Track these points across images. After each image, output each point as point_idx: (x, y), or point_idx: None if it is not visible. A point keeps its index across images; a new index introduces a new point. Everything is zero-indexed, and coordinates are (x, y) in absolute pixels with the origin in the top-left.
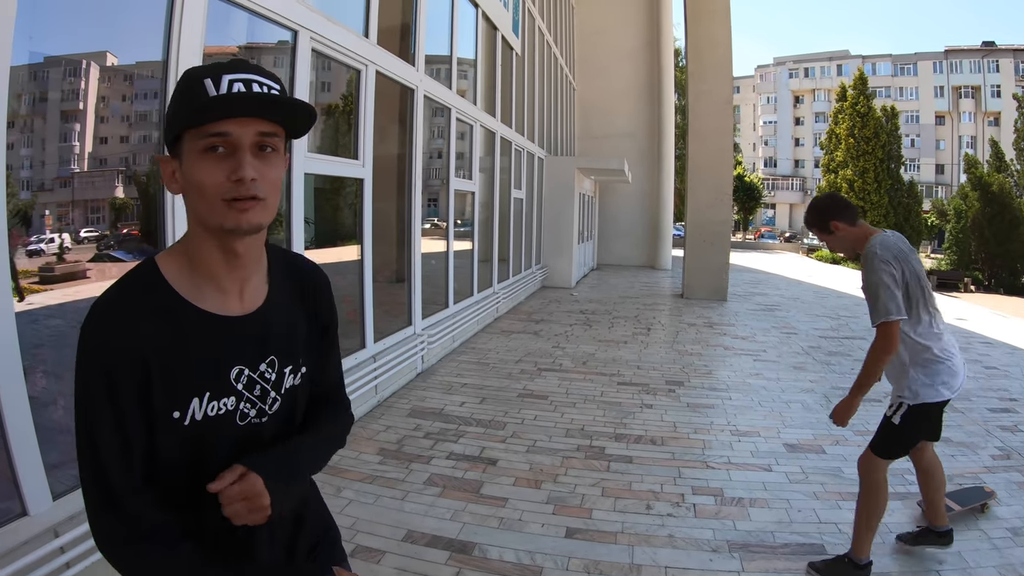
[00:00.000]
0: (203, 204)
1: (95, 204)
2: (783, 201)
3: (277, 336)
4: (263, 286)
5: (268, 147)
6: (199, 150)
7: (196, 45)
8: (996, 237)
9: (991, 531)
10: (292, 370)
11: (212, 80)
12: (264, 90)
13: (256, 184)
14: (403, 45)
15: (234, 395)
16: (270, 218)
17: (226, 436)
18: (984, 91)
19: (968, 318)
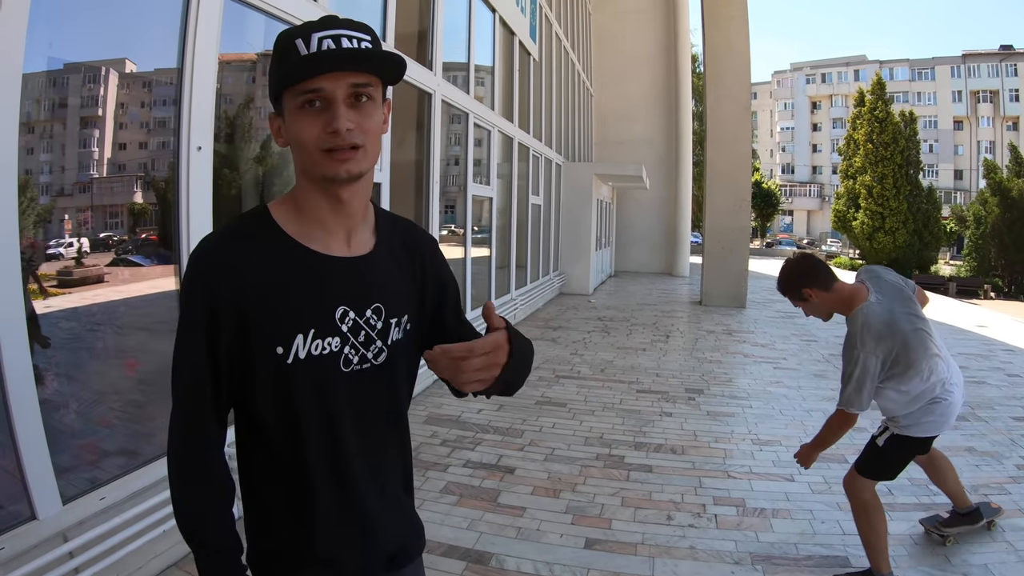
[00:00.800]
0: (305, 156)
1: (113, 209)
2: (801, 208)
3: (384, 284)
4: (371, 237)
5: (364, 96)
6: (297, 106)
7: (211, 51)
8: (1016, 243)
9: (1018, 543)
10: (398, 323)
11: (303, 39)
12: (354, 44)
13: (352, 133)
14: (420, 50)
15: (339, 336)
16: (370, 165)
17: (332, 381)
18: (1002, 95)
19: (989, 325)
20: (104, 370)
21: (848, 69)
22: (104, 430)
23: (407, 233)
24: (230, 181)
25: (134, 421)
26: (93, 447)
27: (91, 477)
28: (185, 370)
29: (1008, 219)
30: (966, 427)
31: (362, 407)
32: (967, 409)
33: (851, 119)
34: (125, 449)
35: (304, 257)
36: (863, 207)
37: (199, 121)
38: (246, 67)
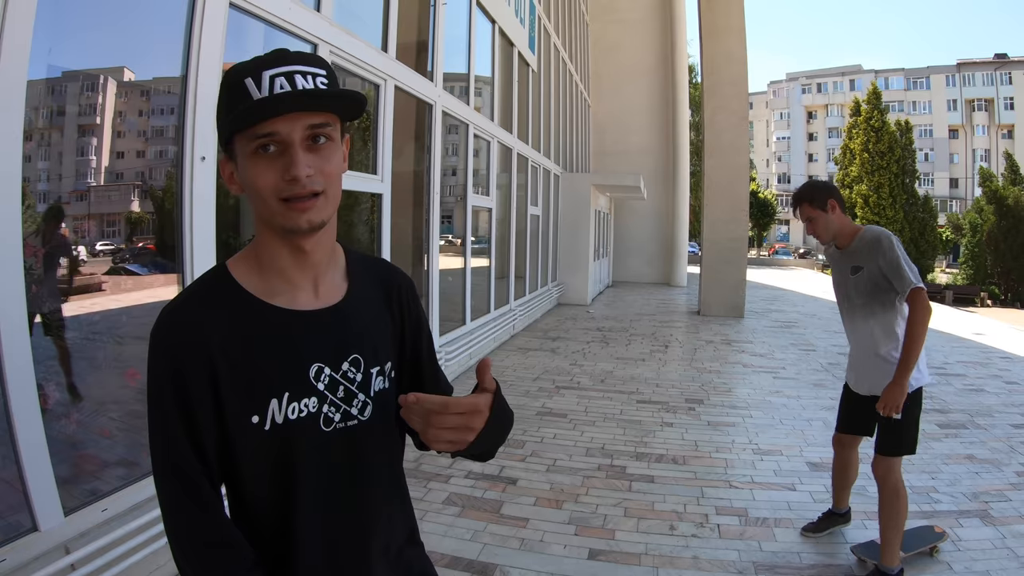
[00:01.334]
0: (262, 205)
1: (111, 218)
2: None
3: (360, 334)
4: (342, 283)
5: (322, 137)
6: (250, 151)
7: (215, 60)
8: (1012, 251)
9: (1019, 549)
10: (380, 371)
11: (253, 79)
12: (308, 81)
13: (312, 179)
14: (420, 60)
15: (316, 395)
16: (332, 211)
17: (313, 443)
18: (997, 104)
19: (986, 332)
20: (104, 380)
21: (844, 79)
22: (105, 440)
23: (383, 274)
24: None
25: (135, 431)
26: (94, 458)
27: (92, 488)
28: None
29: (1004, 227)
30: (965, 435)
31: (354, 466)
32: (967, 417)
33: (847, 128)
34: (126, 460)
35: (269, 316)
36: (860, 216)
37: (203, 131)
38: None
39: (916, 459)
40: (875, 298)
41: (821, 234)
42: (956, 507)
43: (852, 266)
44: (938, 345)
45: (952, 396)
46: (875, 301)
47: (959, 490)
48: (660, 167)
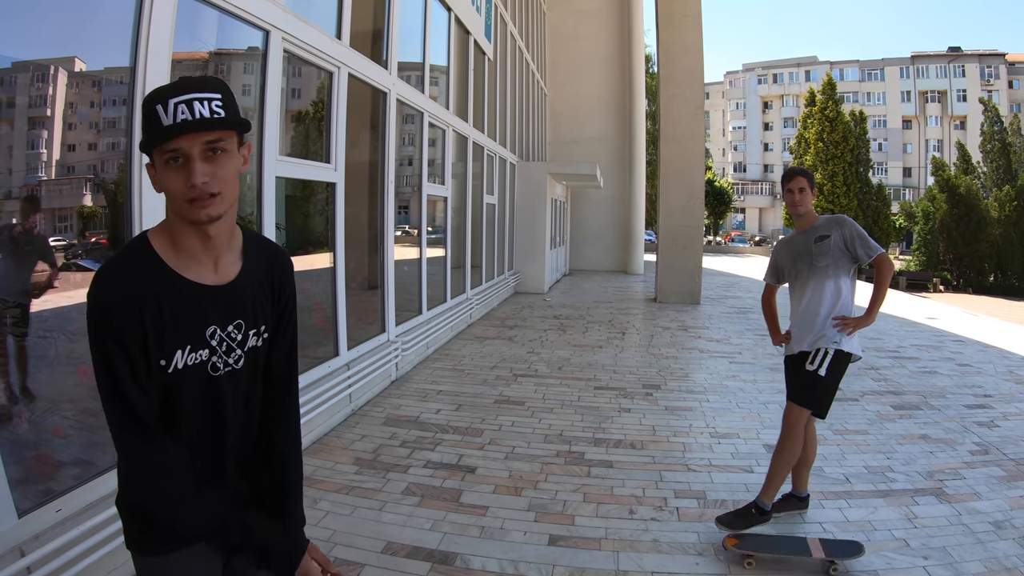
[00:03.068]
0: (173, 203)
1: (63, 212)
2: (753, 205)
3: (245, 303)
4: (237, 262)
5: (218, 150)
6: (163, 162)
7: (164, 50)
8: (964, 238)
9: (974, 525)
10: (256, 333)
11: (162, 106)
12: (204, 106)
13: (208, 184)
14: (375, 49)
15: (207, 348)
16: (228, 206)
17: (200, 382)
18: (950, 95)
19: (939, 317)
20: (57, 378)
21: (799, 70)
22: (58, 440)
23: (267, 252)
24: None
25: (88, 430)
26: (47, 458)
27: (46, 488)
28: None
29: (956, 215)
30: (919, 415)
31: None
32: (920, 398)
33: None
34: (80, 459)
35: (182, 286)
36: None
37: None
38: (198, 66)
39: (872, 439)
40: (837, 261)
41: (802, 206)
42: (912, 485)
43: (816, 237)
44: (892, 329)
45: (906, 378)
46: (837, 264)
47: (914, 469)
48: (616, 156)
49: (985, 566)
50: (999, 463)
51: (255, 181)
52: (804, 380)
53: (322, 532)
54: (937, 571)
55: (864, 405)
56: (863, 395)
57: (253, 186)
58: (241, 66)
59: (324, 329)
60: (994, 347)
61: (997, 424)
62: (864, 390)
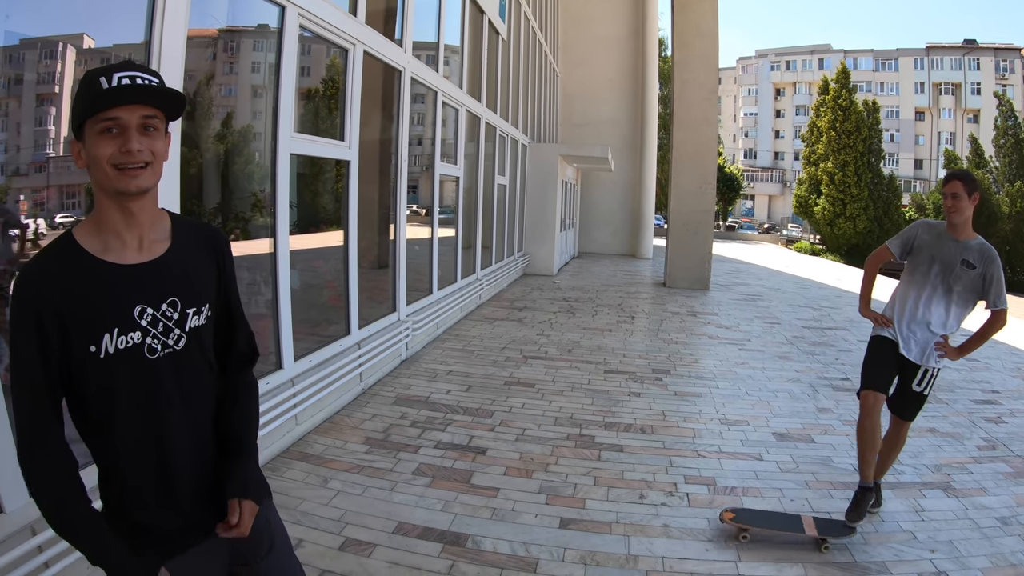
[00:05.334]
0: (100, 173)
1: (71, 189)
2: (762, 192)
3: (178, 281)
4: (165, 240)
5: (151, 127)
6: (97, 132)
7: (180, 26)
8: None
9: (980, 520)
10: (196, 312)
11: (105, 78)
12: (146, 83)
13: (142, 153)
14: (389, 27)
15: (139, 330)
16: (156, 181)
17: (139, 367)
18: (964, 88)
19: None
20: None
21: (813, 57)
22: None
23: (206, 233)
24: (190, 159)
25: None
26: None
27: None
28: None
29: None
30: (928, 409)
31: (175, 384)
32: None
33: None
34: None
35: (102, 269)
36: (825, 193)
37: None
38: (208, 43)
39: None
40: (969, 293)
41: (957, 214)
42: (919, 479)
43: (965, 259)
44: None
45: None
46: (968, 295)
47: (922, 462)
48: (628, 139)
49: (991, 561)
50: (1006, 459)
51: (269, 158)
52: (912, 399)
53: (333, 512)
54: (944, 564)
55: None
56: (844, 378)
57: (265, 164)
58: (251, 43)
59: (336, 308)
60: (1003, 343)
61: (1004, 420)
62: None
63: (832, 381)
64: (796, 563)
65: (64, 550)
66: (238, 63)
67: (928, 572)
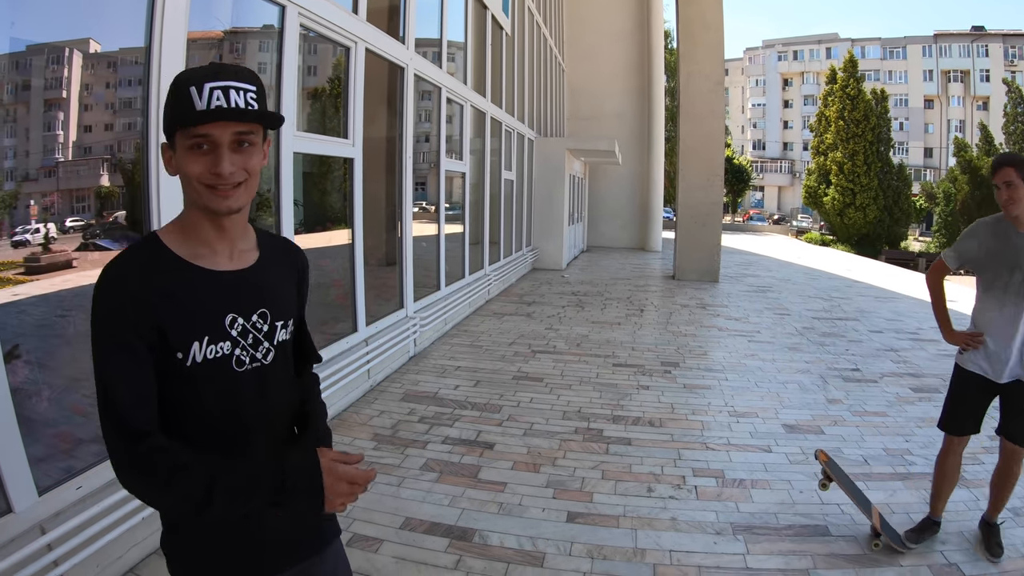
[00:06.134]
0: (190, 188)
1: (80, 193)
2: (772, 184)
3: (268, 292)
4: (253, 252)
5: (246, 143)
6: (187, 146)
7: (179, 30)
8: None
9: None
10: (283, 325)
11: (196, 88)
12: (240, 96)
13: (235, 174)
14: (392, 23)
15: (229, 340)
16: (250, 199)
17: (225, 380)
18: (973, 75)
19: (958, 300)
20: (76, 356)
21: (820, 47)
22: (78, 418)
23: (287, 248)
24: None
25: None
26: (67, 435)
27: (66, 467)
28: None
29: (978, 196)
30: (938, 399)
31: (265, 403)
32: (940, 381)
33: (823, 96)
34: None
35: (194, 274)
36: (834, 183)
37: None
38: (213, 44)
39: (891, 421)
40: None
41: (1015, 204)
42: (930, 470)
43: None
44: (911, 310)
45: (926, 361)
46: None
47: (933, 452)
48: (635, 132)
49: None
50: None
51: (273, 158)
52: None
53: None
54: (954, 556)
55: (883, 387)
56: (882, 377)
57: (271, 163)
58: (256, 44)
59: (343, 305)
60: None
61: None
62: (884, 372)
63: (842, 372)
64: (804, 555)
65: (74, 548)
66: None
67: (939, 563)
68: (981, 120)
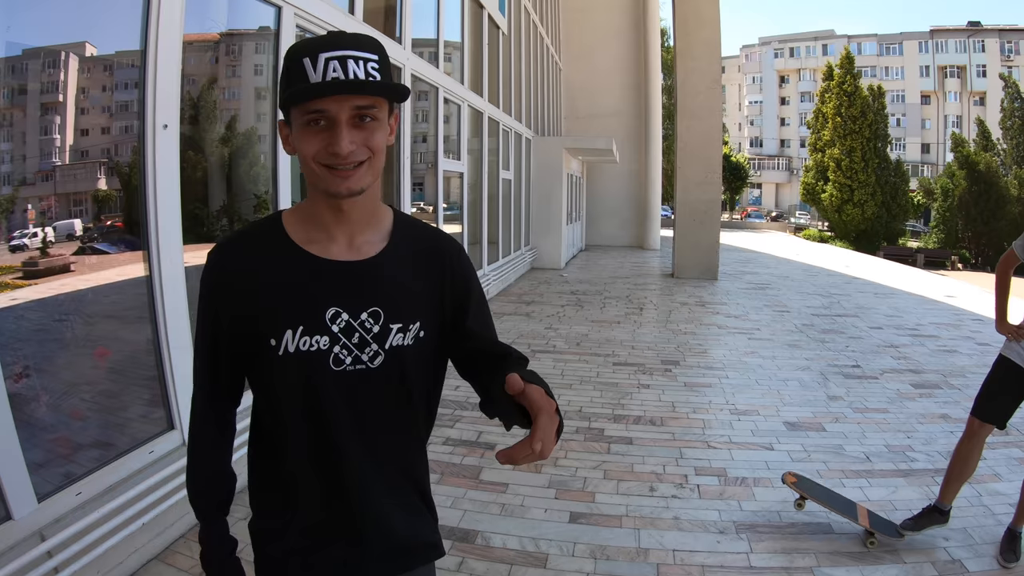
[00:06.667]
0: (308, 169)
1: (78, 197)
2: (769, 181)
3: (385, 290)
4: (380, 242)
5: (367, 117)
6: (302, 123)
7: (175, 32)
8: (983, 216)
9: (994, 507)
10: (401, 328)
11: (310, 59)
12: (359, 66)
13: (355, 152)
14: (388, 23)
15: (328, 335)
16: (373, 179)
17: (322, 377)
18: (970, 71)
19: (957, 295)
20: (74, 361)
21: (816, 43)
22: (77, 423)
23: (430, 241)
24: (195, 163)
25: (107, 412)
26: (66, 441)
27: (66, 472)
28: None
29: (975, 192)
30: (939, 395)
31: (360, 408)
32: (940, 377)
33: (820, 93)
34: (99, 441)
35: (302, 260)
36: (832, 180)
37: (164, 98)
38: (209, 47)
39: (892, 418)
40: None
41: None
42: (932, 465)
43: None
44: (911, 307)
45: (926, 357)
46: None
47: (934, 449)
48: (632, 130)
49: None
50: (1019, 444)
51: (270, 160)
52: None
53: None
54: (958, 552)
55: (884, 383)
56: (883, 373)
57: (268, 165)
58: (253, 46)
59: None
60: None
61: None
62: (884, 368)
63: (843, 368)
64: (807, 553)
65: (74, 555)
66: (240, 66)
67: (942, 560)
68: (978, 115)
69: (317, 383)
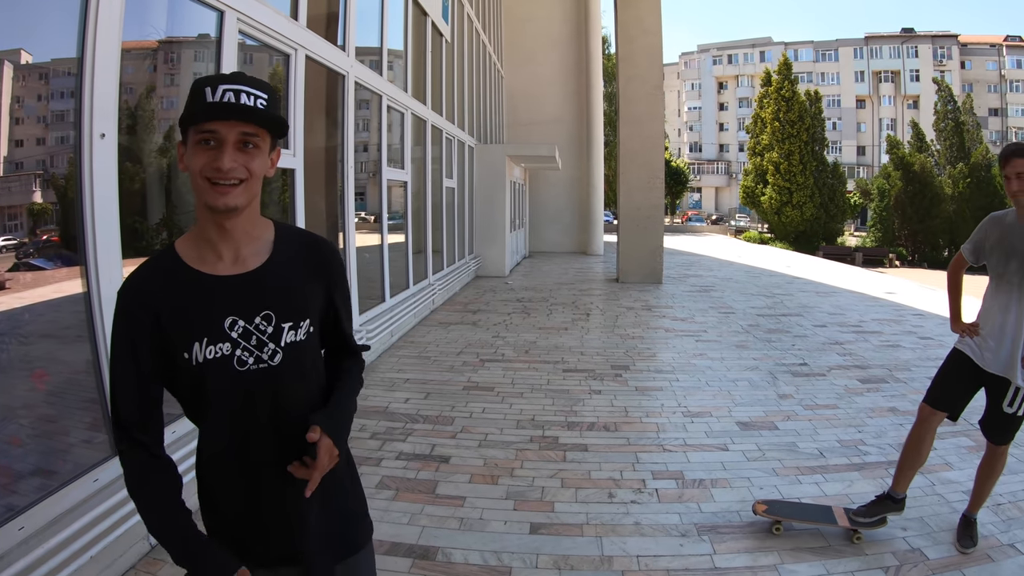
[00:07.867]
0: (195, 183)
1: (12, 211)
2: (709, 185)
3: (275, 294)
4: (264, 253)
5: (250, 144)
6: (195, 142)
7: (113, 39)
8: (918, 214)
9: (948, 495)
10: (293, 326)
11: (211, 88)
12: (250, 100)
13: (235, 170)
14: (331, 30)
15: (229, 341)
16: (249, 200)
17: (230, 379)
18: (903, 75)
19: (897, 291)
20: (10, 384)
21: (754, 50)
22: (16, 450)
23: (311, 246)
24: (134, 175)
25: (48, 437)
26: (5, 470)
27: (6, 504)
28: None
29: (911, 192)
30: (886, 388)
31: (268, 401)
32: (886, 371)
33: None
34: (41, 469)
35: (197, 281)
36: (771, 183)
37: (102, 106)
38: (147, 55)
39: (842, 413)
40: None
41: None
42: (884, 458)
43: None
44: (853, 303)
45: (870, 352)
46: None
47: (885, 441)
48: (574, 137)
49: None
50: (966, 433)
51: None
52: (1003, 421)
53: None
54: (916, 541)
55: (832, 380)
56: (830, 370)
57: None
58: (192, 54)
59: None
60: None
61: None
62: (831, 364)
63: (790, 367)
64: (770, 551)
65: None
66: (179, 74)
67: (902, 549)
68: (912, 118)
69: (226, 385)
